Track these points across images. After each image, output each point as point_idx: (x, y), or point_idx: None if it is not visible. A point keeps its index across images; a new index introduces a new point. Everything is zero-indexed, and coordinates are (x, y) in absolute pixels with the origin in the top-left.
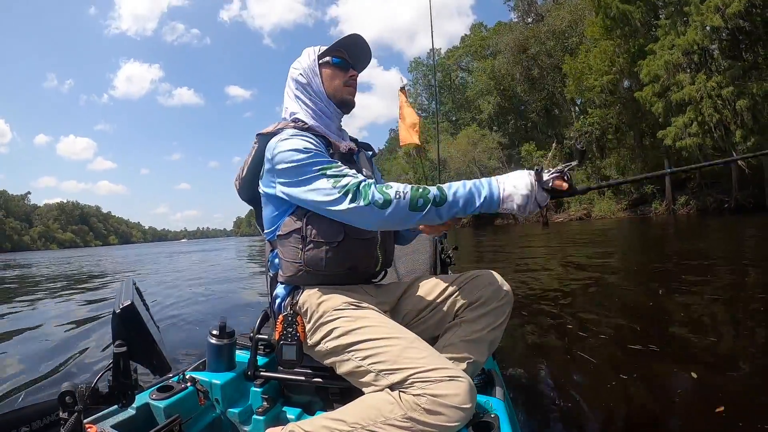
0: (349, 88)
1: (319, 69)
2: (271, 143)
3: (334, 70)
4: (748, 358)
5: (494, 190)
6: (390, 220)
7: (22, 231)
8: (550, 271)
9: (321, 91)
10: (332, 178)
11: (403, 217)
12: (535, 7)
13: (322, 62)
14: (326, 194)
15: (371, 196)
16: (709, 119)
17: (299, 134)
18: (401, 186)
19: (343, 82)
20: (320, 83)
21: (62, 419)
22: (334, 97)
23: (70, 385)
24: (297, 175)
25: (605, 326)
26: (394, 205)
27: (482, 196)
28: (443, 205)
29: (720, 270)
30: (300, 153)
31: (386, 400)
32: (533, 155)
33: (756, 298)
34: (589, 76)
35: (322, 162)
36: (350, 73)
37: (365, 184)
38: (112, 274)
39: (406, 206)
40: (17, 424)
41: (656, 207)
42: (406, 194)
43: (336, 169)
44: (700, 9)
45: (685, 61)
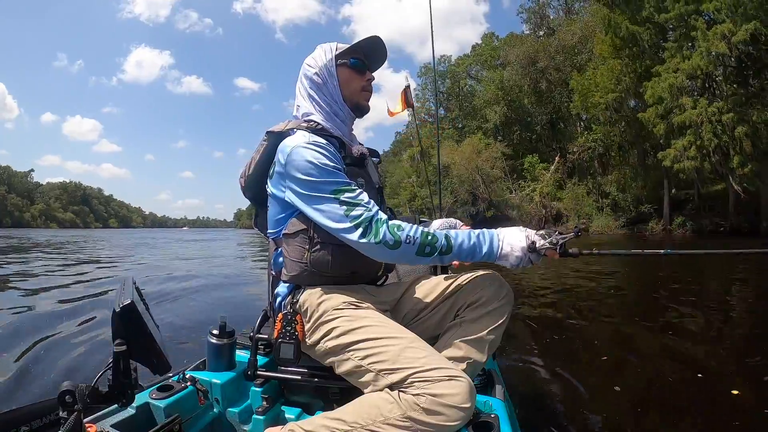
0: (366, 93)
1: (336, 70)
2: (285, 146)
3: (351, 73)
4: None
5: (494, 248)
6: (397, 260)
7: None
8: (548, 275)
9: (337, 93)
10: (345, 205)
11: (410, 260)
12: (547, 20)
13: (339, 63)
14: (337, 221)
15: (382, 235)
16: (708, 143)
17: (315, 144)
18: (412, 230)
19: (360, 86)
20: (336, 85)
21: (62, 418)
22: (349, 100)
23: (69, 384)
24: (310, 189)
25: (605, 326)
26: (403, 249)
27: (483, 251)
28: (448, 254)
29: (708, 284)
30: (316, 168)
31: (386, 399)
32: (536, 167)
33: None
34: (595, 92)
35: (337, 183)
36: (367, 77)
37: (378, 219)
38: (117, 261)
39: (413, 251)
40: (17, 423)
41: (653, 226)
42: (416, 240)
43: (350, 194)
44: (707, 35)
45: (688, 85)
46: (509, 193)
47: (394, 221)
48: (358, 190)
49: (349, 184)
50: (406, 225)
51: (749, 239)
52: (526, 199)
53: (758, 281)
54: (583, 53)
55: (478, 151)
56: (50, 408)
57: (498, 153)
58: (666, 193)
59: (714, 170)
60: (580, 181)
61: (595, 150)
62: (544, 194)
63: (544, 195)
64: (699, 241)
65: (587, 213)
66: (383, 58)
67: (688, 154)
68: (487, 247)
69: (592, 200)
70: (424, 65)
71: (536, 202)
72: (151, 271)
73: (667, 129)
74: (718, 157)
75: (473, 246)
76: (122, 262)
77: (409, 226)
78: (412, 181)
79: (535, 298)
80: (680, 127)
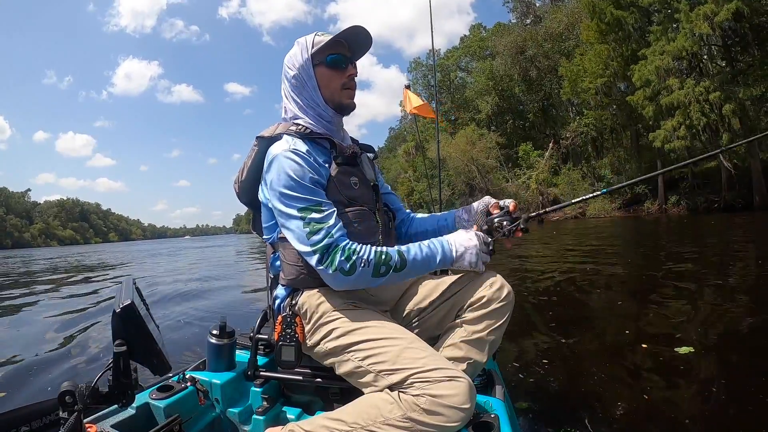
0: (348, 91)
1: (313, 70)
2: (269, 154)
3: (330, 71)
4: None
5: (447, 254)
6: (354, 286)
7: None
8: (548, 270)
9: (317, 95)
10: (309, 225)
11: (367, 282)
12: (533, 8)
13: (316, 63)
14: (300, 242)
15: (337, 263)
16: (696, 123)
17: (296, 152)
18: (365, 252)
19: (340, 84)
20: (316, 86)
21: (62, 419)
22: (331, 101)
23: (70, 385)
24: (281, 204)
25: (605, 326)
26: (358, 273)
27: (437, 259)
28: (403, 270)
29: (704, 262)
30: (291, 180)
31: (386, 400)
32: (530, 155)
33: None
34: (585, 78)
35: (308, 200)
36: (348, 72)
37: (334, 249)
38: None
39: (369, 273)
40: (17, 423)
41: (648, 206)
42: (370, 262)
43: (317, 214)
44: (690, 17)
45: (674, 67)
46: (506, 182)
47: (350, 245)
48: (327, 211)
49: (319, 204)
50: (360, 248)
51: (743, 214)
52: (523, 187)
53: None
54: (571, 39)
55: (472, 143)
56: (50, 408)
57: (492, 143)
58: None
59: (704, 148)
60: (574, 166)
61: (587, 134)
62: (540, 181)
63: (540, 182)
64: (694, 218)
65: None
66: (367, 47)
67: (677, 134)
68: (440, 255)
69: (587, 184)
70: (414, 60)
71: (532, 189)
72: (156, 273)
73: (656, 110)
74: (708, 135)
75: (426, 257)
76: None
77: (362, 249)
78: (409, 175)
79: (535, 298)
80: (669, 108)
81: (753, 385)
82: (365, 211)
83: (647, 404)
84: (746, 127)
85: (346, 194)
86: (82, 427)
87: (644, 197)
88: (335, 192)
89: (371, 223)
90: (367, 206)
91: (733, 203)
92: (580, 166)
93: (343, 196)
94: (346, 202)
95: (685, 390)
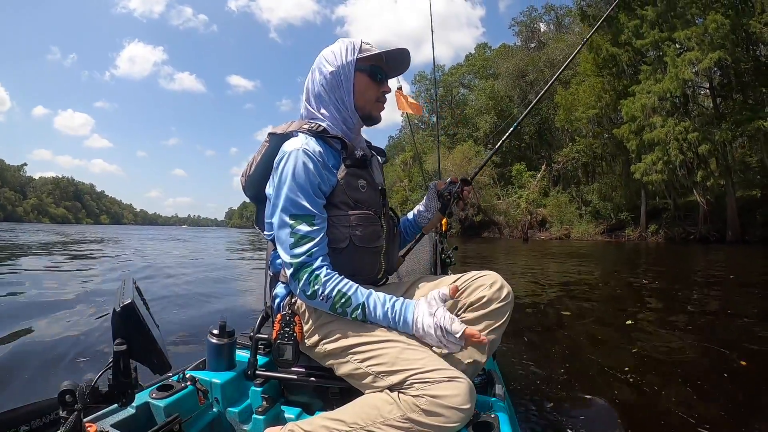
0: (379, 104)
1: (353, 74)
2: (282, 150)
3: (369, 81)
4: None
5: (408, 329)
6: (317, 307)
7: (15, 202)
8: (542, 276)
9: (350, 99)
10: (294, 236)
11: (327, 311)
12: (537, 34)
13: (359, 67)
14: (283, 250)
15: (302, 284)
16: (674, 159)
17: (306, 153)
18: (329, 288)
19: (375, 97)
20: (351, 90)
21: (62, 418)
22: (362, 109)
23: (69, 384)
24: (277, 199)
25: (605, 326)
26: (317, 302)
27: (399, 327)
28: (363, 317)
29: (676, 286)
30: (293, 182)
31: (385, 400)
32: (523, 175)
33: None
34: (578, 108)
35: (303, 208)
36: (384, 88)
37: (306, 269)
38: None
39: (326, 307)
40: (17, 422)
41: (629, 233)
42: (328, 298)
43: (307, 227)
44: (676, 62)
45: (659, 106)
46: (497, 199)
47: (318, 273)
48: (317, 226)
49: (312, 216)
50: (326, 280)
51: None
52: (513, 205)
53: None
54: (569, 69)
55: (468, 159)
56: (50, 407)
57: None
58: (643, 203)
59: (680, 184)
60: (563, 190)
61: (578, 160)
62: (530, 201)
63: (530, 201)
64: (670, 248)
65: (569, 220)
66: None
67: (656, 168)
68: (401, 328)
69: (574, 207)
70: (418, 73)
71: (522, 208)
72: (157, 267)
73: (639, 145)
74: (684, 171)
75: (388, 323)
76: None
77: (327, 283)
78: (404, 184)
79: (535, 298)
80: (650, 144)
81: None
82: (370, 215)
83: (647, 404)
84: (722, 167)
85: (352, 196)
86: (82, 427)
87: (627, 224)
88: (342, 194)
89: (376, 227)
90: (372, 210)
91: (707, 236)
92: (569, 190)
93: (349, 198)
94: (352, 205)
95: (683, 390)
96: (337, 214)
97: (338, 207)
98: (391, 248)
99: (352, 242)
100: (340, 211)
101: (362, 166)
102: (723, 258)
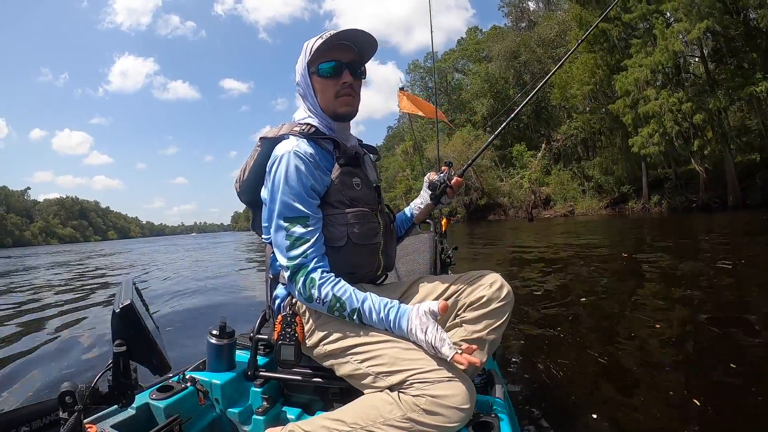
0: (343, 98)
1: (310, 79)
2: (274, 153)
3: (323, 80)
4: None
5: (403, 334)
6: (315, 308)
7: (22, 226)
8: (545, 267)
9: (316, 103)
10: (290, 239)
11: (326, 313)
12: (527, 13)
13: (311, 71)
14: (280, 253)
15: (299, 286)
16: (669, 130)
17: (297, 155)
18: (324, 292)
19: (333, 93)
20: (313, 94)
21: (62, 419)
22: (327, 110)
23: (70, 385)
24: (272, 203)
25: (605, 326)
26: (314, 305)
27: (396, 333)
28: (360, 322)
29: (681, 256)
30: (286, 185)
31: (386, 400)
32: (524, 155)
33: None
34: (573, 85)
35: (297, 210)
36: (343, 79)
37: (302, 272)
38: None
39: (324, 309)
40: (17, 423)
41: (632, 205)
42: (324, 302)
43: (302, 229)
44: (665, 34)
45: (652, 78)
46: (500, 182)
47: (315, 275)
48: (312, 227)
49: (306, 217)
50: (323, 283)
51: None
52: (516, 186)
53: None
54: (561, 46)
55: (468, 143)
56: (50, 408)
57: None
58: (644, 174)
59: (678, 154)
60: (565, 167)
61: (577, 137)
62: (533, 180)
63: (533, 181)
64: (673, 217)
65: (572, 196)
66: (368, 45)
67: (652, 141)
68: (397, 333)
69: (576, 184)
70: (412, 62)
71: (525, 188)
72: (167, 270)
73: (635, 118)
74: (681, 141)
75: (383, 325)
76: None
77: (323, 286)
78: (407, 174)
79: (535, 298)
80: (646, 117)
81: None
82: (367, 212)
83: (647, 403)
84: (717, 135)
85: (348, 195)
86: (82, 428)
87: (629, 197)
88: (337, 193)
89: (373, 224)
90: (368, 207)
91: (709, 203)
92: (571, 167)
93: (345, 197)
94: (348, 203)
95: (683, 388)
96: (333, 212)
97: (334, 206)
98: (388, 244)
99: (350, 240)
100: (336, 210)
101: (356, 164)
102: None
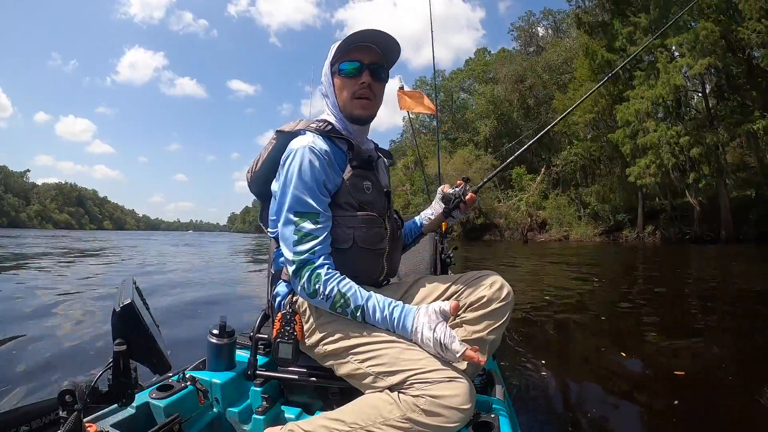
0: (360, 101)
1: (332, 78)
2: (290, 147)
3: (342, 80)
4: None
5: (407, 336)
6: (317, 305)
7: (19, 208)
8: (543, 277)
9: (335, 104)
10: (298, 234)
11: (327, 310)
12: (536, 39)
13: (333, 71)
14: (287, 247)
15: (304, 281)
16: (666, 162)
17: (313, 150)
18: (330, 287)
19: (351, 93)
20: (334, 94)
21: (62, 418)
22: (344, 110)
23: (69, 384)
24: (282, 197)
25: (605, 326)
26: (318, 301)
27: (397, 333)
28: (362, 320)
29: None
30: (299, 180)
31: (385, 400)
32: (523, 178)
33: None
34: (575, 112)
35: (307, 205)
36: (361, 80)
37: (308, 267)
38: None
39: (327, 306)
40: (17, 422)
41: (627, 234)
42: (329, 297)
43: (311, 225)
44: (668, 68)
45: (653, 111)
46: (498, 202)
47: (320, 272)
48: (321, 224)
49: (317, 213)
50: (328, 279)
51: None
52: (513, 208)
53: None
54: (567, 73)
55: (469, 163)
56: (50, 408)
57: (488, 165)
58: (640, 204)
59: (674, 186)
60: (562, 192)
61: (577, 163)
62: (530, 203)
63: (530, 204)
64: (666, 248)
65: (568, 222)
66: (393, 51)
67: (649, 172)
68: (400, 333)
69: (573, 209)
70: (419, 78)
71: (522, 211)
72: (166, 267)
73: (633, 148)
74: (677, 174)
75: (387, 328)
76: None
77: (328, 282)
78: (407, 188)
79: (535, 298)
80: (644, 148)
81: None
82: (375, 217)
83: (646, 404)
84: (714, 169)
85: (357, 198)
86: (82, 427)
87: (624, 225)
88: (347, 194)
89: (380, 229)
90: (377, 212)
91: (702, 236)
92: (568, 192)
93: (354, 200)
94: (357, 206)
95: (683, 388)
96: (341, 214)
97: (343, 207)
98: (394, 251)
99: (356, 243)
100: (344, 212)
101: (368, 168)
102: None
